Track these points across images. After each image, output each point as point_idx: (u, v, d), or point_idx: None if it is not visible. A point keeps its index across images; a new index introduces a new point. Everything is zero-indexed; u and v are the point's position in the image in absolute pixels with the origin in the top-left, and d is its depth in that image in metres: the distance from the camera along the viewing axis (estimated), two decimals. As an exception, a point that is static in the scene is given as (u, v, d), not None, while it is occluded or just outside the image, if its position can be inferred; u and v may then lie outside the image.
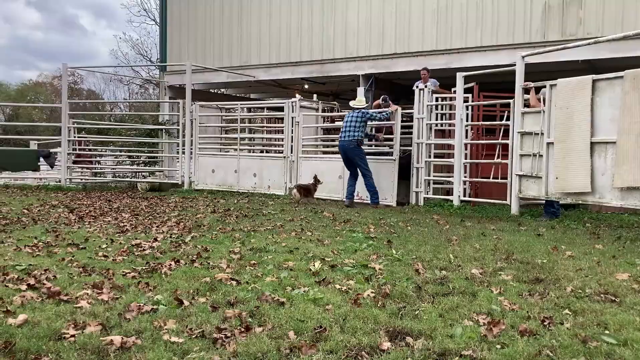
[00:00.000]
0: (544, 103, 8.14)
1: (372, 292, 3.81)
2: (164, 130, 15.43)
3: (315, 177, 10.68)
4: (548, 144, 8.01)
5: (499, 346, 2.88)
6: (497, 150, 9.74)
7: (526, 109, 8.58)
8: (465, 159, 10.09)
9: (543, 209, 8.62)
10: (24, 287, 3.84)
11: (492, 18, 12.13)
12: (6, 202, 9.72)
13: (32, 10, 79.74)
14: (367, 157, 10.25)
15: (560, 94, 7.74)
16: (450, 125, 10.81)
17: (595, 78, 7.30)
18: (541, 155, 8.11)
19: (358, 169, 10.15)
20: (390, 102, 11.19)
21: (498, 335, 3.03)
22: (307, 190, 10.51)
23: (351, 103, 10.54)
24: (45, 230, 6.57)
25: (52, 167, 14.66)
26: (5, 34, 77.02)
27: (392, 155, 10.58)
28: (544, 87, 8.15)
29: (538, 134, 8.18)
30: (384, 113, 10.41)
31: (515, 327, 3.16)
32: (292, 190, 10.66)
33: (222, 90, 19.79)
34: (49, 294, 3.65)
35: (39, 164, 14.32)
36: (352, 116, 10.07)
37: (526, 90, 8.65)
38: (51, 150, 15.37)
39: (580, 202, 7.70)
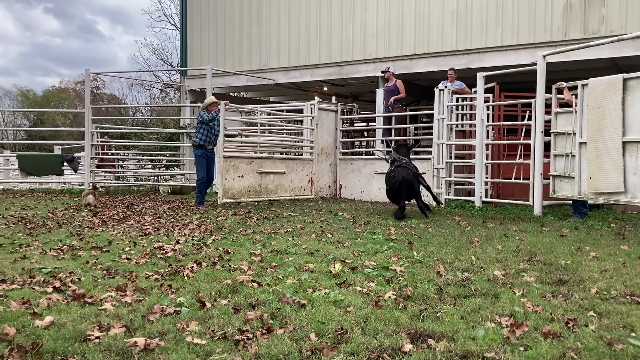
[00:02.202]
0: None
1: (393, 294, 3.80)
2: (185, 134, 15.57)
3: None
4: (580, 143, 7.90)
5: (522, 348, 2.85)
6: (519, 150, 9.64)
7: (559, 109, 8.48)
8: (487, 159, 10.01)
9: (573, 209, 8.52)
10: (49, 289, 3.90)
11: (512, 17, 12.02)
12: (32, 206, 9.90)
13: (50, 16, 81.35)
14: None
15: (592, 94, 7.63)
16: (471, 125, 10.73)
17: (626, 77, 7.17)
18: (574, 155, 8.02)
19: None
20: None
21: (521, 337, 3.00)
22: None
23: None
24: (70, 233, 6.67)
25: (75, 171, 14.89)
26: (26, 41, 78.64)
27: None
28: (576, 86, 8.04)
29: (570, 134, 8.08)
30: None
31: (538, 329, 3.13)
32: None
33: (242, 93, 19.91)
34: (74, 296, 3.70)
35: (62, 168, 14.57)
36: None
37: (559, 90, 8.54)
38: (75, 154, 15.61)
39: (612, 202, 7.59)
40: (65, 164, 14.43)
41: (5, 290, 3.86)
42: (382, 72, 12.93)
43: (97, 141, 14.75)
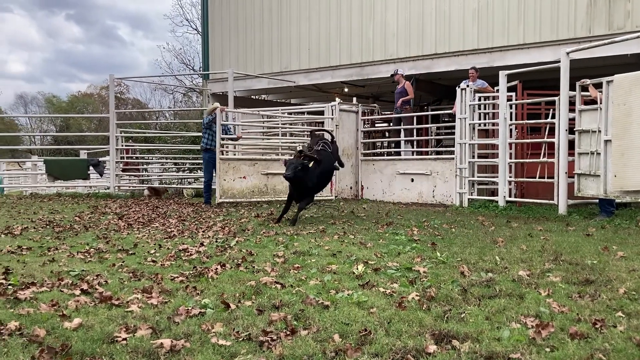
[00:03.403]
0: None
1: (416, 295, 3.78)
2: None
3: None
4: (606, 141, 7.78)
5: (548, 349, 2.83)
6: (543, 149, 9.52)
7: (583, 107, 8.36)
8: (510, 158, 9.91)
9: (599, 208, 8.39)
10: (77, 292, 3.98)
11: (534, 14, 11.88)
12: (59, 210, 10.08)
13: (71, 23, 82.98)
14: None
15: (618, 90, 7.51)
16: (493, 124, 10.64)
17: (653, 72, 7.05)
18: (599, 153, 7.90)
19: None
20: None
21: (547, 338, 2.97)
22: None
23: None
24: (96, 236, 6.78)
25: (101, 175, 15.10)
26: (50, 48, 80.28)
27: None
28: (601, 83, 7.92)
29: (595, 131, 7.96)
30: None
31: (565, 330, 3.09)
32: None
33: (264, 96, 20.01)
34: (101, 299, 3.77)
35: (88, 172, 14.80)
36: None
37: (583, 87, 8.42)
38: (100, 159, 15.85)
39: (639, 200, 7.46)
40: (91, 168, 14.65)
41: (35, 292, 3.94)
42: (392, 74, 12.85)
43: (122, 145, 14.95)
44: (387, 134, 15.27)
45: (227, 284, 4.24)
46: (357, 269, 4.66)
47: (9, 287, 4.10)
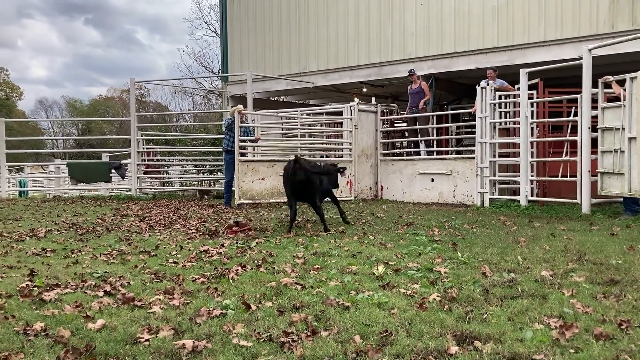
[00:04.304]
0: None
1: (437, 296, 3.76)
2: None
3: None
4: (630, 139, 7.65)
5: (572, 350, 2.78)
6: (565, 147, 9.39)
7: (606, 104, 8.24)
8: (532, 157, 9.80)
9: (624, 207, 8.25)
10: (100, 293, 4.03)
11: (555, 11, 11.73)
12: (82, 212, 10.22)
13: (90, 27, 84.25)
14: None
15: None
16: (514, 123, 10.53)
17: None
18: (623, 151, 7.77)
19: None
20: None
21: (571, 339, 2.93)
22: None
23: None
24: (119, 238, 6.86)
25: (123, 177, 15.30)
26: (70, 53, 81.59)
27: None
28: (625, 80, 7.79)
29: (619, 129, 7.83)
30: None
31: (589, 331, 3.04)
32: None
33: (282, 97, 20.07)
34: (124, 300, 3.81)
35: (110, 175, 14.99)
36: None
37: (606, 84, 8.29)
38: (122, 161, 16.04)
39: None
40: (112, 170, 14.84)
41: (59, 294, 4.00)
42: (408, 74, 12.77)
43: (143, 148, 15.11)
44: (406, 134, 15.22)
45: (248, 285, 4.26)
46: (378, 269, 4.64)
47: (34, 288, 4.17)
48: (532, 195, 9.83)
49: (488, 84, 10.53)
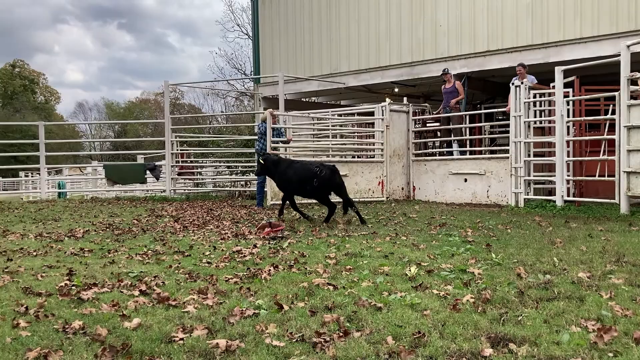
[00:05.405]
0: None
1: (471, 297, 3.72)
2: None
3: None
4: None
5: (611, 354, 2.72)
6: (603, 146, 9.17)
7: (632, 102, 8.02)
8: (568, 156, 9.60)
9: None
10: (136, 292, 4.11)
11: (592, 7, 11.46)
12: (118, 213, 10.43)
13: (123, 32, 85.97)
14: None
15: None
16: (549, 122, 10.33)
17: None
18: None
19: None
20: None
21: (610, 342, 2.86)
22: None
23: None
24: (154, 239, 6.97)
25: (157, 179, 15.56)
26: (104, 57, 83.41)
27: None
28: None
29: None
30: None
31: (629, 334, 2.97)
32: None
33: (314, 98, 20.12)
34: (159, 299, 3.88)
35: (145, 176, 15.26)
36: None
37: (633, 81, 8.08)
38: (156, 163, 16.31)
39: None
40: (148, 172, 15.10)
41: (96, 293, 4.10)
42: (441, 74, 12.65)
43: (177, 150, 15.32)
44: (438, 134, 15.07)
45: (280, 285, 4.28)
46: (410, 270, 4.61)
47: (73, 287, 4.28)
48: (568, 196, 9.62)
49: (522, 83, 10.34)
